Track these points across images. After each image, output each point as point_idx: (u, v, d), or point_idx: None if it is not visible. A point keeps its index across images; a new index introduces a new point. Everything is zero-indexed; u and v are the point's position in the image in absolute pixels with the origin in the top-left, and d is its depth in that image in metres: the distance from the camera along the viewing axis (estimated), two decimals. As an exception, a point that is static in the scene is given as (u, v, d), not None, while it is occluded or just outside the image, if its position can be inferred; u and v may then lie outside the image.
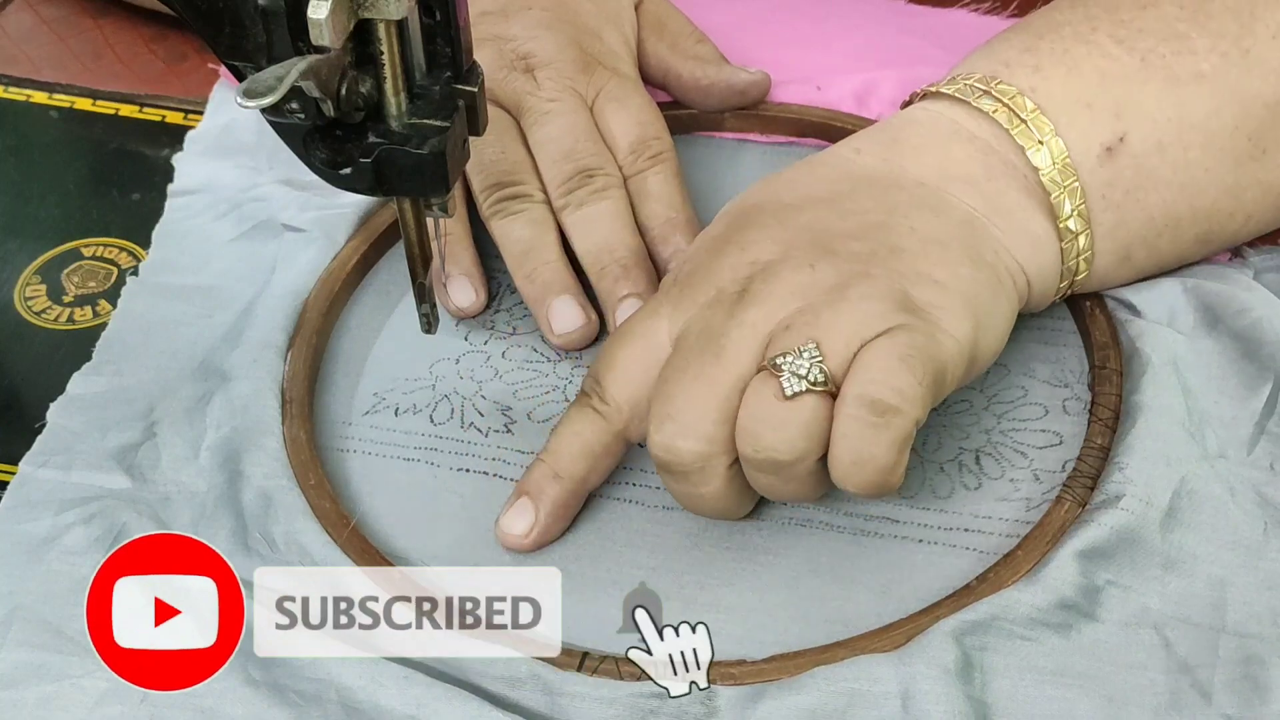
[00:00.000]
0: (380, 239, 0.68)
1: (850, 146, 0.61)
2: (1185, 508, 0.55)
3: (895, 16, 0.80)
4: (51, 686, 0.53)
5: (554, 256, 0.65)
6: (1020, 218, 0.58)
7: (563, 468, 0.57)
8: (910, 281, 0.54)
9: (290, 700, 0.52)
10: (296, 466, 0.59)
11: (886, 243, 0.55)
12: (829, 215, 0.57)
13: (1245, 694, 0.51)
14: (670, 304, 0.57)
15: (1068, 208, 0.58)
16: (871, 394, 0.51)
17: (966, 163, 0.59)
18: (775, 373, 0.52)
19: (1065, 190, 0.58)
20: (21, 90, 0.78)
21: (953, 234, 0.57)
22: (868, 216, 0.57)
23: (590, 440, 0.57)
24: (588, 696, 0.52)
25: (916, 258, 0.55)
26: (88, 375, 0.63)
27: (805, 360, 0.52)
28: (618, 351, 0.57)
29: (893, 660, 0.51)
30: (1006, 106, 0.59)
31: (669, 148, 0.68)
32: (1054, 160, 0.58)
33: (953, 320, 0.54)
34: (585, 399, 0.57)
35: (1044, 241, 0.59)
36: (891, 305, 0.53)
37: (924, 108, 0.62)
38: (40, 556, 0.56)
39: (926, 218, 0.57)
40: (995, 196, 0.59)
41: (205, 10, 0.47)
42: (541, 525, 0.57)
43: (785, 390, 0.51)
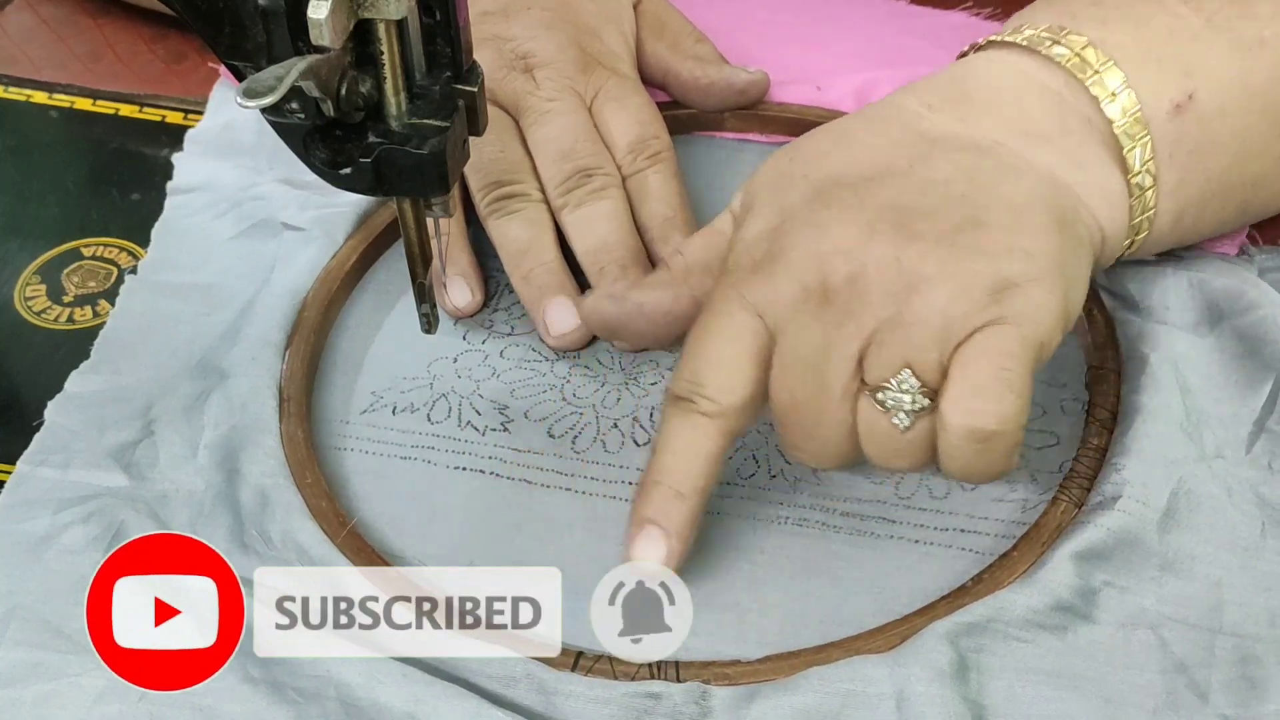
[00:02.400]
0: (379, 238, 0.68)
1: (919, 100, 0.59)
2: (1183, 509, 0.55)
3: (895, 17, 0.80)
4: (50, 685, 0.53)
5: (550, 257, 0.65)
6: (1096, 172, 0.57)
7: (685, 485, 0.54)
8: (1000, 258, 0.52)
9: (289, 698, 0.52)
10: (294, 465, 0.59)
11: (971, 218, 0.53)
12: (909, 190, 0.55)
13: (1242, 694, 0.51)
14: (752, 292, 0.54)
15: (1138, 162, 0.57)
16: (972, 424, 0.51)
17: (1042, 117, 0.58)
18: (882, 408, 0.52)
19: (1138, 143, 0.57)
20: (21, 90, 0.78)
21: (1037, 197, 0.55)
22: (950, 188, 0.55)
23: (707, 448, 0.54)
24: (582, 696, 0.52)
25: (1004, 230, 0.53)
26: (86, 374, 0.63)
27: (906, 393, 0.52)
28: (718, 351, 0.55)
29: (888, 661, 0.51)
30: (1078, 56, 0.57)
31: (668, 147, 0.68)
32: (1126, 113, 0.57)
33: (1046, 291, 0.52)
34: (687, 405, 0.54)
35: (1118, 197, 0.58)
36: (982, 294, 0.51)
37: (988, 58, 0.60)
38: (38, 555, 0.56)
39: (1009, 183, 0.55)
40: (1072, 151, 0.57)
41: (205, 10, 0.47)
42: (677, 550, 0.54)
43: (897, 426, 0.52)
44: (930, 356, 0.51)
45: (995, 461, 0.52)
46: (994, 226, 0.53)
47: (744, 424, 0.55)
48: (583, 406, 0.63)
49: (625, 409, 0.62)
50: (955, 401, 0.51)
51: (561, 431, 0.62)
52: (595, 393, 0.63)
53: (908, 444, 0.53)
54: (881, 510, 0.58)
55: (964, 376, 0.51)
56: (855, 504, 0.58)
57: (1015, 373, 0.51)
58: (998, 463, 0.52)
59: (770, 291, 0.54)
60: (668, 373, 0.64)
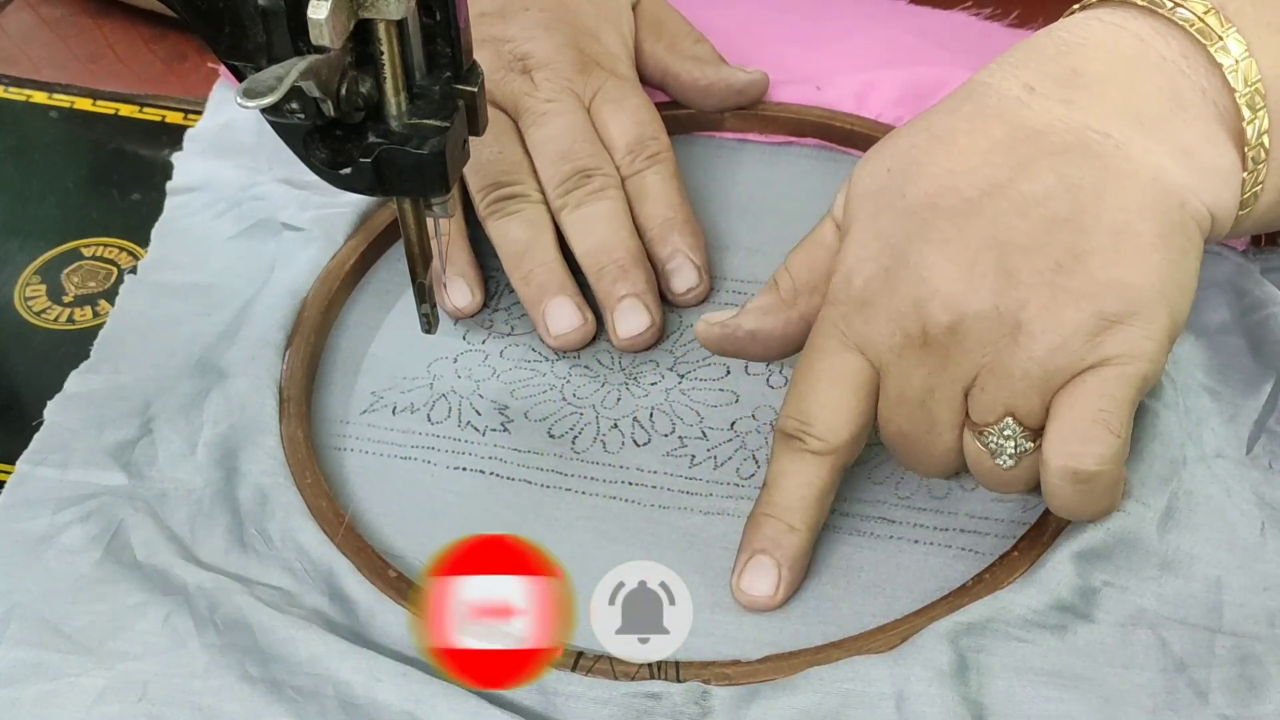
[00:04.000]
0: (379, 238, 0.68)
1: (1021, 81, 0.56)
2: (1182, 509, 0.55)
3: (895, 17, 0.80)
4: (49, 685, 0.53)
5: (550, 257, 0.65)
6: (1209, 154, 0.55)
7: (797, 520, 0.56)
8: (1101, 296, 0.52)
9: (288, 696, 0.52)
10: (293, 464, 0.59)
11: (1071, 250, 0.52)
12: (1009, 214, 0.53)
13: (1241, 693, 0.51)
14: (853, 332, 0.55)
15: (1255, 134, 0.55)
16: (1072, 467, 0.51)
17: (1156, 96, 0.55)
18: (986, 450, 0.54)
19: (1257, 115, 0.55)
20: (21, 90, 0.78)
21: (1140, 208, 0.53)
22: (1051, 207, 0.53)
23: (817, 484, 0.56)
24: (582, 696, 0.52)
25: (1106, 261, 0.52)
26: (85, 373, 0.63)
27: (1009, 439, 0.53)
28: (826, 391, 0.55)
29: (887, 661, 0.51)
30: (1202, 21, 0.55)
31: (666, 148, 0.68)
32: (1248, 83, 0.55)
33: (1147, 324, 0.52)
34: (797, 443, 0.55)
35: (1230, 175, 0.55)
36: (1082, 339, 0.52)
37: (1099, 18, 0.57)
38: (38, 554, 0.56)
39: (1113, 195, 0.53)
40: (1183, 132, 0.55)
41: (205, 10, 0.47)
42: (787, 580, 0.55)
43: (1002, 467, 0.54)
44: (1032, 403, 0.52)
45: (1098, 499, 0.53)
46: (1095, 257, 0.52)
47: (853, 456, 0.56)
48: (583, 406, 0.63)
49: (625, 409, 0.62)
50: (1055, 445, 0.52)
51: (561, 431, 0.62)
52: (595, 393, 0.63)
53: (1014, 479, 0.54)
54: (881, 510, 0.58)
55: (1063, 420, 0.52)
56: (855, 504, 0.58)
57: (1114, 414, 0.51)
58: (1100, 500, 0.53)
59: (872, 333, 0.54)
60: (668, 372, 0.64)
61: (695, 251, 0.66)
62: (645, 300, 0.64)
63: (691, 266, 0.66)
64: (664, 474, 0.60)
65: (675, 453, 0.61)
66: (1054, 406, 0.52)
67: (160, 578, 0.55)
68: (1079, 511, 0.54)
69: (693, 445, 0.61)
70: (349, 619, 0.54)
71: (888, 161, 0.57)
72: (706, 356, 0.64)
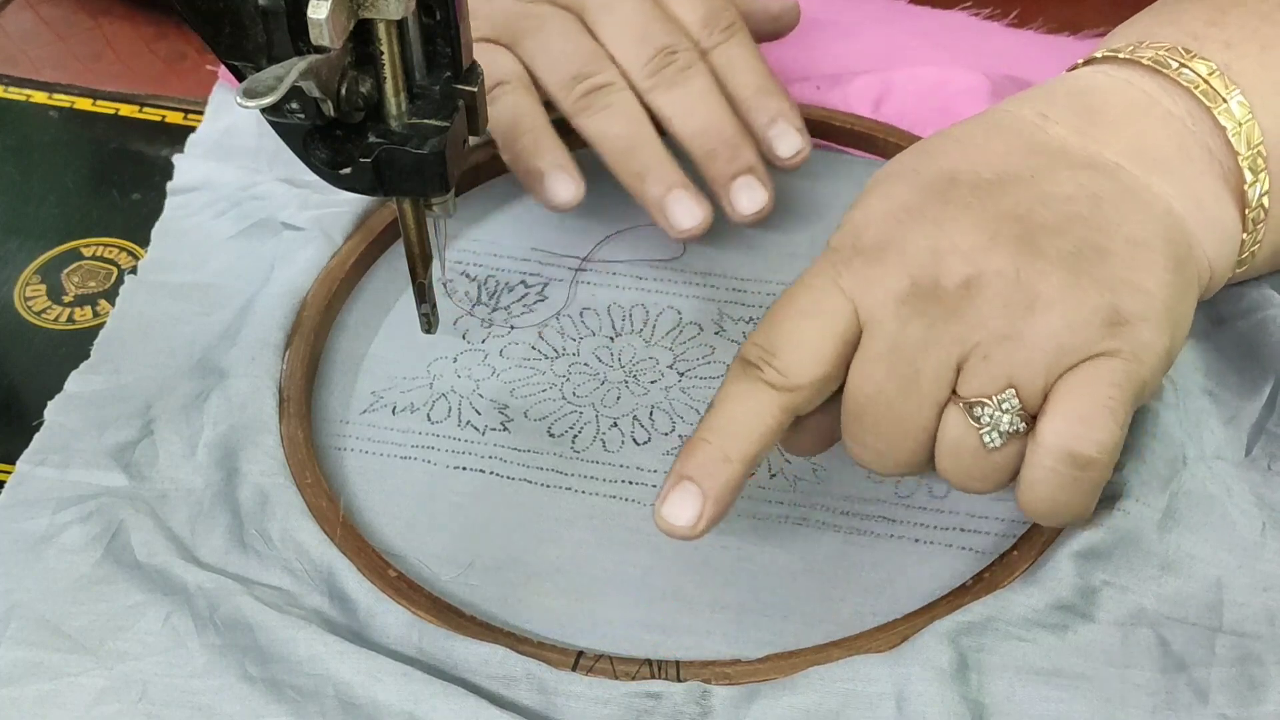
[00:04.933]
0: (379, 238, 0.68)
1: (1034, 110, 0.56)
2: (1183, 508, 0.55)
3: (896, 17, 0.80)
4: (49, 684, 0.53)
5: (658, 150, 0.65)
6: (1213, 208, 0.55)
7: (734, 449, 0.51)
8: (1118, 291, 0.51)
9: (288, 696, 0.52)
10: (293, 465, 0.59)
11: (1092, 243, 0.52)
12: (1031, 200, 0.53)
13: (1241, 693, 0.51)
14: (852, 276, 0.52)
15: (1254, 196, 0.55)
16: (1072, 447, 0.49)
17: (1165, 144, 0.55)
18: (975, 423, 0.51)
19: (1259, 177, 0.55)
20: (21, 90, 0.78)
21: (1155, 232, 0.53)
22: (1072, 206, 0.53)
23: (764, 418, 0.52)
24: (582, 696, 0.52)
25: (1123, 263, 0.51)
26: (85, 374, 0.63)
27: (1005, 413, 0.50)
28: (799, 326, 0.52)
29: (888, 661, 0.51)
30: (1206, 82, 0.55)
31: (737, 17, 0.68)
32: (1251, 145, 0.55)
33: (1156, 333, 0.51)
34: (754, 371, 0.52)
35: (1230, 234, 0.56)
36: (1097, 324, 0.50)
37: (1108, 74, 0.57)
38: (38, 554, 0.56)
39: (1130, 212, 0.53)
40: (1190, 183, 0.55)
41: (205, 10, 0.47)
42: (710, 514, 0.51)
43: (986, 445, 0.51)
44: (1037, 380, 0.50)
45: (1080, 496, 0.51)
46: (1115, 257, 0.52)
47: (807, 404, 0.52)
48: (582, 405, 0.63)
49: (625, 408, 0.62)
50: (1055, 423, 0.49)
51: (561, 430, 0.62)
52: (595, 391, 0.63)
53: (991, 466, 0.51)
54: (881, 510, 0.58)
55: (1068, 401, 0.50)
56: (855, 503, 0.58)
57: (1120, 404, 0.50)
58: (1081, 498, 0.51)
59: (874, 278, 0.52)
60: (668, 370, 0.64)
61: (793, 114, 0.67)
62: (759, 175, 0.65)
63: (793, 130, 0.67)
64: (664, 473, 0.59)
65: (675, 451, 0.61)
66: (1057, 389, 0.50)
67: (160, 578, 0.55)
68: (1056, 507, 0.51)
69: (693, 445, 0.61)
70: (349, 619, 0.54)
71: (905, 154, 0.56)
72: (706, 355, 0.64)
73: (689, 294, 0.67)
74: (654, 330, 0.65)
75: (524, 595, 0.56)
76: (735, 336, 0.65)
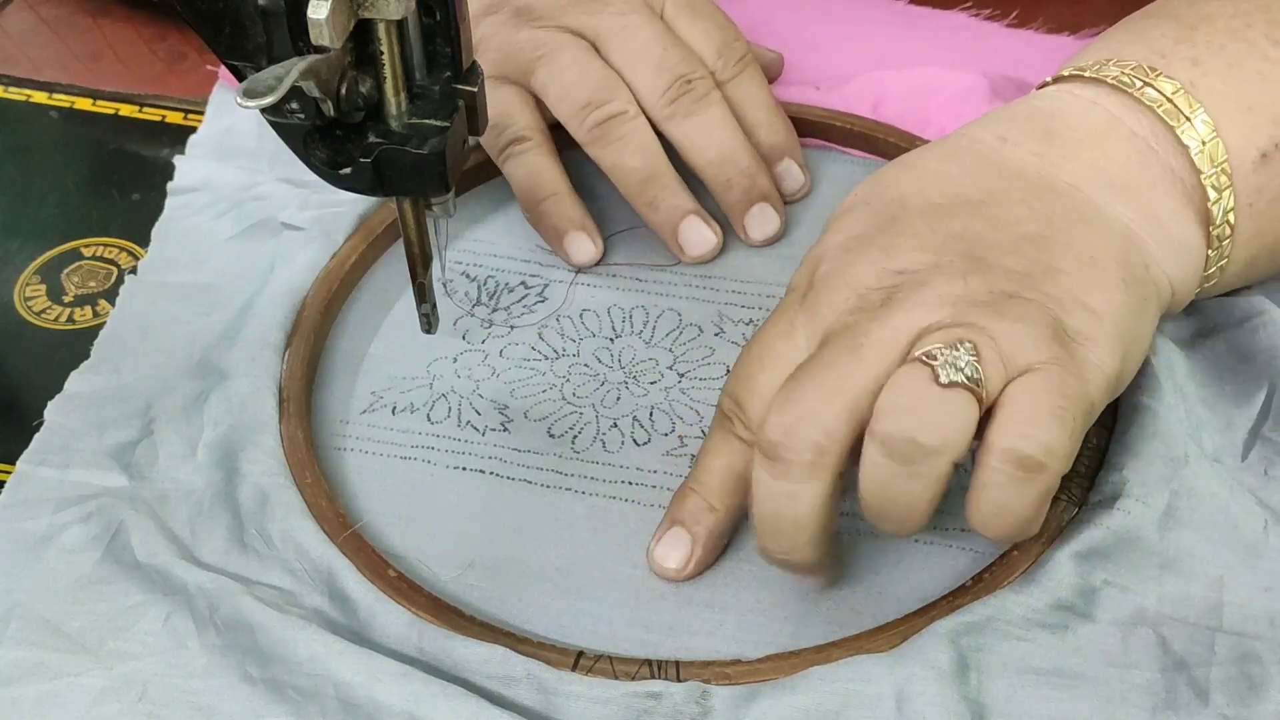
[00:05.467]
0: (379, 238, 0.68)
1: (993, 132, 0.57)
2: (1184, 507, 0.55)
3: (895, 17, 0.80)
4: (49, 684, 0.53)
5: (672, 179, 0.66)
6: (1174, 229, 0.55)
7: (717, 500, 0.55)
8: (1065, 308, 0.51)
9: (288, 697, 0.52)
10: (294, 465, 0.59)
11: (1042, 261, 0.52)
12: (981, 223, 0.54)
13: (1241, 693, 0.51)
14: (806, 314, 0.53)
15: (1220, 214, 0.56)
16: (1021, 449, 0.48)
17: (1125, 164, 0.56)
18: (929, 361, 0.49)
19: (1222, 194, 0.55)
20: (21, 90, 0.78)
21: (1109, 253, 0.53)
22: (1022, 227, 0.53)
23: (740, 469, 0.54)
24: (582, 696, 0.52)
25: (1072, 281, 0.52)
26: (85, 374, 0.63)
27: (963, 355, 0.49)
28: (758, 374, 0.54)
29: (888, 661, 0.51)
30: (1170, 101, 0.56)
31: (749, 49, 0.69)
32: (1214, 163, 0.55)
33: (1103, 353, 0.51)
34: (728, 424, 0.55)
35: (1193, 252, 0.56)
36: (1046, 333, 0.50)
37: (1072, 92, 0.58)
38: (38, 554, 0.56)
39: (1083, 233, 0.54)
40: (1152, 203, 0.55)
41: (205, 10, 0.47)
42: (698, 557, 0.56)
43: (940, 378, 0.48)
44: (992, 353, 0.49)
45: (1027, 502, 0.49)
46: (1064, 275, 0.52)
47: None
48: (582, 406, 0.63)
49: (625, 408, 0.62)
50: (1003, 426, 0.49)
51: (561, 431, 0.62)
52: (595, 392, 0.63)
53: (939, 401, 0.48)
54: (881, 510, 0.58)
55: (1016, 406, 0.49)
56: (855, 504, 0.58)
57: (1070, 412, 0.49)
58: (1029, 505, 0.49)
59: (823, 306, 0.53)
60: (667, 371, 0.64)
61: (797, 151, 0.70)
62: (774, 203, 0.67)
63: (797, 167, 0.69)
64: (664, 474, 0.60)
65: (675, 452, 0.61)
66: (1007, 394, 0.49)
67: (160, 578, 0.55)
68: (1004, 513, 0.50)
69: (692, 445, 0.61)
70: (349, 619, 0.54)
71: (860, 189, 0.58)
72: (706, 356, 0.64)
73: (689, 295, 0.67)
74: (654, 331, 0.65)
75: (524, 595, 0.56)
76: (735, 338, 0.65)
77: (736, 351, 0.64)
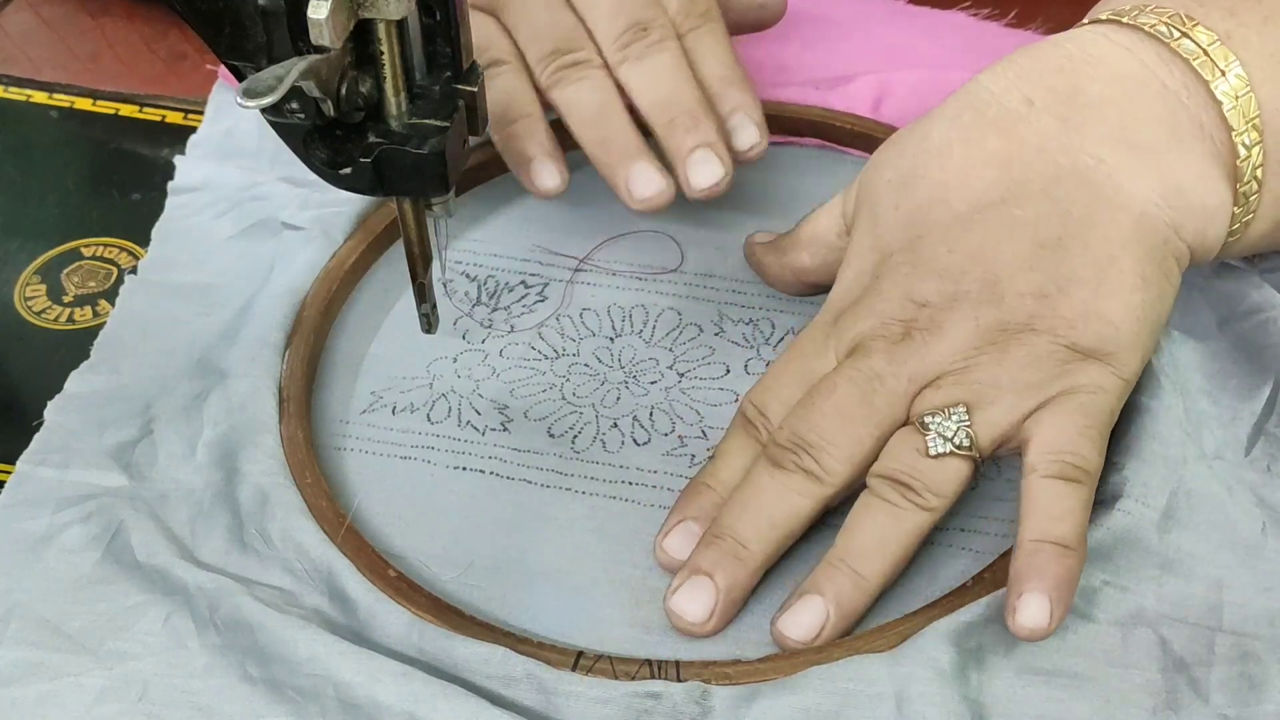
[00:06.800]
0: (379, 238, 0.68)
1: (1022, 93, 0.57)
2: (1183, 508, 0.55)
3: (894, 16, 0.80)
4: (49, 684, 0.53)
5: (624, 120, 0.64)
6: (1199, 191, 0.55)
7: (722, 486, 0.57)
8: (1080, 327, 0.54)
9: (288, 697, 0.52)
10: (293, 465, 0.59)
11: (1060, 273, 0.54)
12: (1000, 232, 0.55)
13: (1241, 693, 0.51)
14: (836, 336, 0.57)
15: (1249, 170, 0.55)
16: (1066, 460, 0.52)
17: (1154, 125, 0.56)
18: (922, 430, 0.54)
19: (1252, 150, 0.55)
20: (21, 90, 0.78)
21: (1127, 241, 0.54)
22: (1041, 229, 0.55)
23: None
24: (583, 696, 0.52)
25: (1089, 292, 0.54)
26: (85, 374, 0.63)
27: (953, 423, 0.53)
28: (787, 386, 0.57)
29: (888, 661, 0.51)
30: (1205, 53, 0.55)
31: (714, 5, 0.68)
32: (1246, 118, 0.55)
33: (1123, 360, 0.54)
34: (751, 429, 0.57)
35: (1218, 212, 0.56)
36: (1052, 367, 0.53)
37: (1109, 37, 0.57)
38: (38, 554, 0.56)
39: (1102, 224, 0.54)
40: (1177, 168, 0.55)
41: (205, 10, 0.47)
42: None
43: (929, 449, 0.53)
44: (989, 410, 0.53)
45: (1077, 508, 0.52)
46: (1080, 286, 0.54)
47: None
48: (582, 406, 0.63)
49: (625, 408, 0.62)
50: (1040, 447, 0.53)
51: (561, 431, 0.62)
52: (595, 392, 0.63)
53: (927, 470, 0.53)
54: (881, 510, 0.58)
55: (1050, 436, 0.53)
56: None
57: (1095, 430, 0.53)
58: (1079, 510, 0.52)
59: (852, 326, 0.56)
60: (667, 371, 0.64)
61: (754, 108, 0.67)
62: (718, 150, 0.64)
63: (752, 124, 0.66)
64: (664, 473, 0.60)
65: (675, 452, 0.61)
66: (1032, 427, 0.53)
67: (160, 578, 0.55)
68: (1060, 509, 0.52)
69: (692, 445, 0.61)
70: (349, 619, 0.54)
71: (887, 172, 0.58)
72: (706, 356, 0.64)
73: (689, 295, 0.67)
74: (654, 331, 0.65)
75: (524, 595, 0.56)
76: (735, 337, 0.65)
77: (736, 351, 0.64)
